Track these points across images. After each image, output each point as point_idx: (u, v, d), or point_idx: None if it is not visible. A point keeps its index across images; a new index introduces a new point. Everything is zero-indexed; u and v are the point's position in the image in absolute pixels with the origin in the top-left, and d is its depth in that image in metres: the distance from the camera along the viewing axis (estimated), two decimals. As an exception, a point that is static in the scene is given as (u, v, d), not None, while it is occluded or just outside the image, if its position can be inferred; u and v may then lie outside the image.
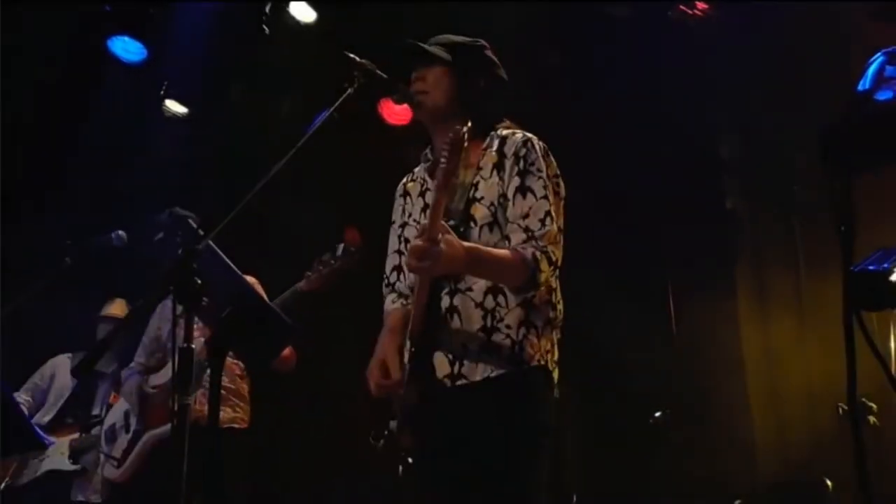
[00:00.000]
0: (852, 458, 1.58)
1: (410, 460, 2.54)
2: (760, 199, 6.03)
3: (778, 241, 5.75)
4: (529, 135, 2.69)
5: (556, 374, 2.64)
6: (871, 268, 1.43)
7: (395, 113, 5.98)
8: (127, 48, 5.71)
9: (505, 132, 2.71)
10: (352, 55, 2.60)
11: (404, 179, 2.93)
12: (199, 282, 2.12)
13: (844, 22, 4.86)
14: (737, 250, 6.08)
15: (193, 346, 2.27)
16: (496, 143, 2.68)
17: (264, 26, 5.60)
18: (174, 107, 6.20)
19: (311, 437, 6.33)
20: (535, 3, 5.51)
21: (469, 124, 2.43)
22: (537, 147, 2.64)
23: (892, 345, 2.97)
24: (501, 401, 2.51)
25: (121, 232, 4.49)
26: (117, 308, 5.45)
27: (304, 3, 5.61)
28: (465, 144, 2.37)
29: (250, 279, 4.32)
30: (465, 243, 2.41)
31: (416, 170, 2.90)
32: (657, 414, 5.45)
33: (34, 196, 6.07)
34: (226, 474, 4.08)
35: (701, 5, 5.39)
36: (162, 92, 6.11)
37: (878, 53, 1.50)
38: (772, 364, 5.78)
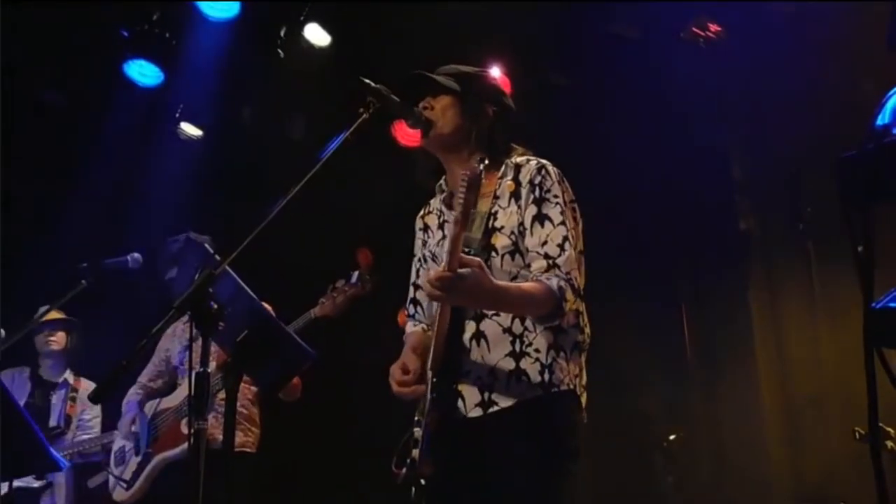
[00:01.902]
0: (869, 484, 1.58)
1: (423, 482, 2.52)
2: (773, 220, 6.00)
3: (791, 262, 5.72)
4: (544, 161, 2.70)
5: (584, 399, 2.64)
6: (892, 305, 1.42)
7: (409, 135, 6.00)
8: (143, 72, 5.76)
9: (519, 159, 2.72)
10: (366, 80, 2.61)
11: (421, 212, 2.95)
12: (216, 306, 2.13)
13: (857, 42, 4.86)
14: (750, 271, 6.05)
15: (209, 370, 2.28)
16: (511, 171, 2.69)
17: (279, 49, 5.64)
18: (189, 129, 6.25)
19: (319, 462, 6.33)
20: (545, 24, 5.53)
21: (486, 161, 2.48)
22: (552, 173, 2.66)
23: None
24: (532, 425, 2.51)
25: (136, 254, 4.50)
26: (53, 313, 5.33)
27: (318, 27, 5.64)
28: (482, 181, 2.40)
29: (264, 305, 4.35)
30: (496, 282, 2.42)
31: (432, 201, 2.92)
32: (671, 437, 5.43)
33: (44, 216, 6.13)
34: (235, 499, 4.09)
35: (714, 27, 5.40)
36: (177, 114, 6.16)
37: None
38: (786, 386, 5.74)
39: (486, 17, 5.40)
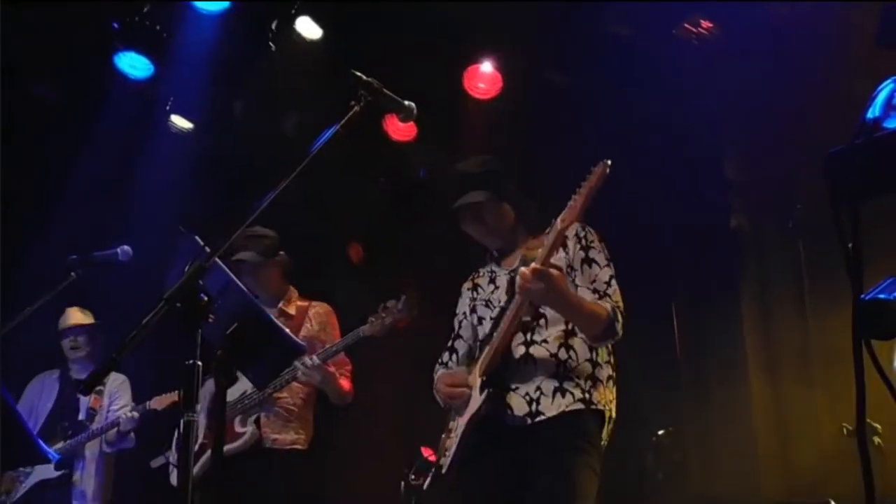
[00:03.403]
0: (858, 479, 1.58)
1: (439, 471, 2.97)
2: (764, 218, 6.01)
3: (783, 260, 5.73)
4: (583, 222, 3.12)
5: (610, 426, 3.07)
6: (881, 296, 1.43)
7: (400, 129, 6.01)
8: (133, 64, 5.73)
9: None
10: (358, 73, 2.62)
11: (471, 276, 3.39)
12: (206, 298, 2.12)
13: (849, 41, 4.87)
14: (741, 270, 6.06)
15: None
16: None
17: (271, 43, 5.62)
18: (180, 122, 6.22)
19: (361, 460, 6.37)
20: (540, 24, 5.52)
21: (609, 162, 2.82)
22: (592, 231, 3.15)
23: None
24: (570, 426, 2.94)
25: (125, 246, 4.49)
26: (77, 317, 5.43)
27: (310, 20, 5.62)
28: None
29: (325, 307, 4.42)
30: (573, 291, 2.90)
31: (482, 269, 3.36)
32: (660, 432, 5.44)
33: (38, 210, 6.09)
34: (285, 495, 4.21)
35: (706, 24, 5.40)
36: (168, 107, 6.13)
37: (888, 81, 1.49)
38: (776, 384, 5.75)
39: (478, 13, 5.39)
